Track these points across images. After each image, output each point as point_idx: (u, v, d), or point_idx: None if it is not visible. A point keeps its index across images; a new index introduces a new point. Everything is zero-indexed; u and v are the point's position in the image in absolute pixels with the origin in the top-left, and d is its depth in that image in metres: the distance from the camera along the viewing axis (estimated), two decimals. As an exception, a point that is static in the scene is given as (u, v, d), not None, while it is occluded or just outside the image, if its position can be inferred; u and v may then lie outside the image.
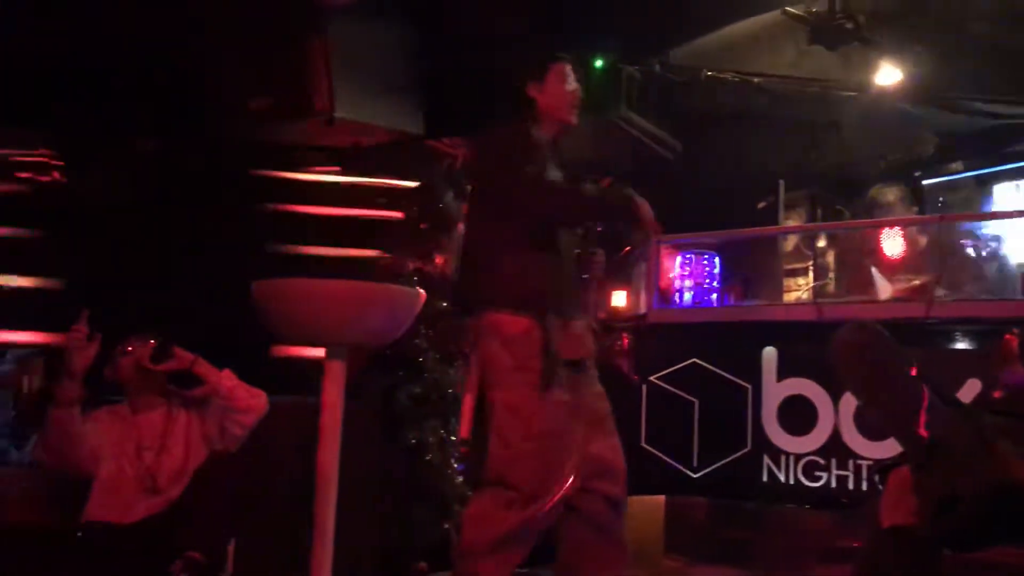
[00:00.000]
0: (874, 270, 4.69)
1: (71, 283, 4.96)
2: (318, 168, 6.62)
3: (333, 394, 3.60)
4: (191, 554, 2.65)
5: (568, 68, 2.98)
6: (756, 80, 5.40)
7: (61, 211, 6.04)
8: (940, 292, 4.10)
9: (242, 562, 3.03)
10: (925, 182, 6.26)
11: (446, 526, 4.10)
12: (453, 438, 4.22)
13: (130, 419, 3.08)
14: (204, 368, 3.06)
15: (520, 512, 2.71)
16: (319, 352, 3.65)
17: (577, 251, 2.98)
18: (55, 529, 2.92)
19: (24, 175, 6.34)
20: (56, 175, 6.29)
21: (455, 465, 4.18)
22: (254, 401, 3.05)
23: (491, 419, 2.83)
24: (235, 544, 2.98)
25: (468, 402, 3.30)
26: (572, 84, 2.98)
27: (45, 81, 5.20)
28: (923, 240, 5.07)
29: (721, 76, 5.37)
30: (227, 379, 3.04)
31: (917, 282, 4.46)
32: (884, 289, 4.52)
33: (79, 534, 2.85)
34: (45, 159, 6.26)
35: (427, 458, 4.13)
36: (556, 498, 2.74)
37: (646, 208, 2.79)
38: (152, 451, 3.01)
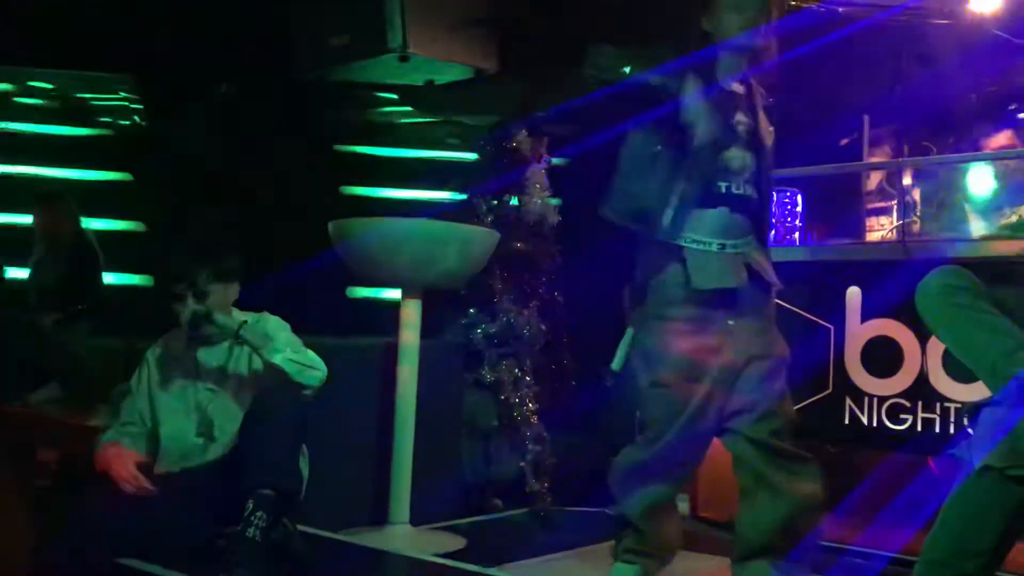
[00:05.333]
0: (967, 207, 4.51)
1: (151, 225, 5.05)
2: (392, 108, 6.62)
3: (410, 334, 3.63)
4: (262, 490, 2.61)
5: None
6: (840, 9, 5.17)
7: (140, 154, 6.16)
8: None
9: (319, 498, 3.04)
10: (1021, 115, 5.96)
11: (521, 464, 4.13)
12: (528, 378, 4.23)
13: (189, 352, 2.96)
14: (252, 338, 2.84)
15: None
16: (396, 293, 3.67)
17: None
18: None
19: (104, 119, 6.48)
20: (135, 119, 6.41)
21: (530, 404, 4.19)
22: (307, 375, 2.83)
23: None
24: (310, 478, 2.95)
25: None
26: None
27: (124, 23, 5.23)
28: (1018, 175, 4.84)
29: (804, 4, 5.15)
30: (278, 354, 2.80)
31: (1014, 218, 4.28)
32: (977, 227, 4.35)
33: (153, 487, 2.77)
34: (125, 103, 6.38)
35: (502, 396, 4.15)
36: None
37: None
38: (210, 391, 2.91)
